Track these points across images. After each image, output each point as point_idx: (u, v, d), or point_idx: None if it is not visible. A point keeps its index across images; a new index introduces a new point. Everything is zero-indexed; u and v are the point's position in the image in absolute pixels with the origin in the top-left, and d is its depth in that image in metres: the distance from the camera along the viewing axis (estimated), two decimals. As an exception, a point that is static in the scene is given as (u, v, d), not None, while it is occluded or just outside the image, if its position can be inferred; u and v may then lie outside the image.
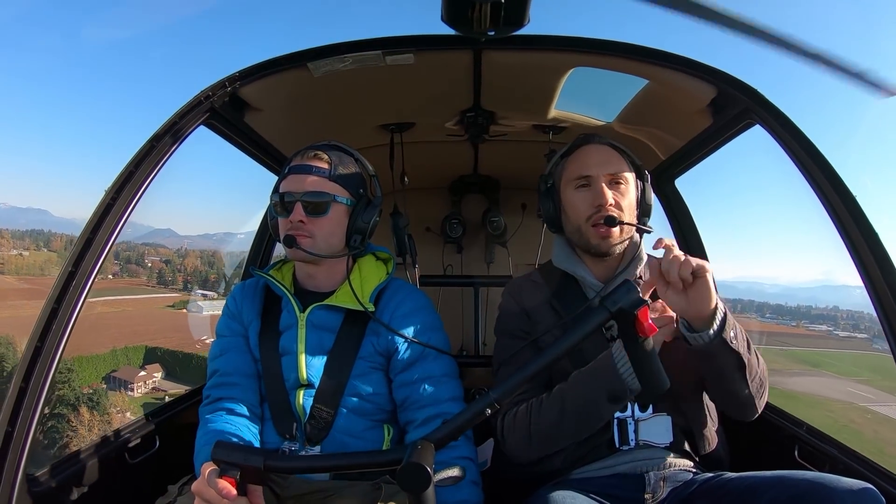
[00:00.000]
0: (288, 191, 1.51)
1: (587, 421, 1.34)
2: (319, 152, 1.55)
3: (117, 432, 1.70)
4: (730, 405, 1.39)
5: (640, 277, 1.52)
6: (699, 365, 1.37)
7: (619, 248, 1.48)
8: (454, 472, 1.43)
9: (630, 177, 1.49)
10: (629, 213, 1.47)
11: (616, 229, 1.43)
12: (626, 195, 1.47)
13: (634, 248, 1.52)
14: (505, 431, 1.46)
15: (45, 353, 1.36)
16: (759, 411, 1.37)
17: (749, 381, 1.28)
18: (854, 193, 1.36)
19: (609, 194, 1.43)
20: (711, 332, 1.20)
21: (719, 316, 1.20)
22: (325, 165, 1.53)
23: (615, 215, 1.42)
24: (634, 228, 1.49)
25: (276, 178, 2.43)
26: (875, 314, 1.30)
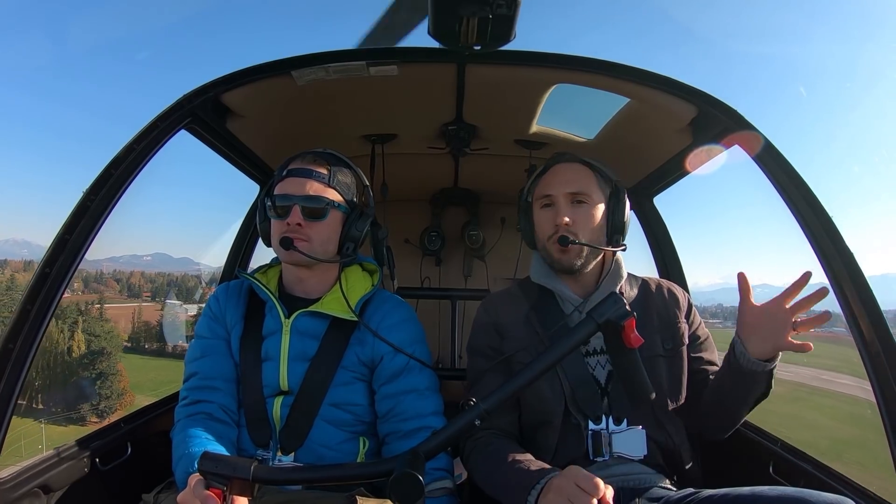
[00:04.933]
0: (286, 193, 1.49)
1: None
2: (319, 158, 1.54)
3: (86, 438, 1.65)
4: (721, 423, 1.46)
5: (622, 292, 1.53)
6: (680, 380, 1.46)
7: (580, 264, 1.47)
8: (446, 483, 1.42)
9: (597, 195, 1.49)
10: (590, 232, 1.46)
11: (574, 247, 1.44)
12: (588, 214, 1.47)
13: (612, 263, 1.54)
14: (465, 453, 1.47)
15: (15, 355, 1.33)
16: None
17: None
18: (830, 214, 1.41)
19: (565, 214, 1.44)
20: (773, 364, 1.31)
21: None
22: (325, 171, 1.52)
23: (567, 235, 1.43)
24: (610, 246, 1.49)
25: (254, 184, 2.42)
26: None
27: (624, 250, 1.53)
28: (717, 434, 1.48)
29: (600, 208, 1.49)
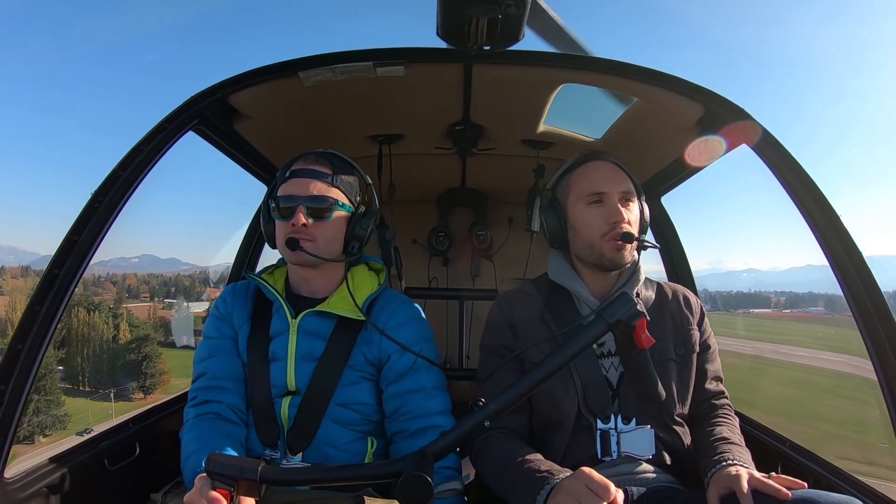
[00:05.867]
0: (290, 194, 1.49)
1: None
2: (322, 158, 1.54)
3: (95, 438, 1.67)
4: None
5: (638, 294, 1.53)
6: (688, 386, 1.48)
7: (628, 261, 1.49)
8: (455, 485, 1.42)
9: (634, 194, 1.51)
10: (636, 230, 1.48)
11: (629, 244, 1.45)
12: (633, 212, 1.49)
13: (633, 265, 1.53)
14: (474, 453, 1.47)
15: (25, 355, 1.34)
16: None
17: None
18: (839, 214, 1.41)
19: (623, 211, 1.45)
20: None
21: None
22: (328, 171, 1.52)
23: (632, 232, 1.44)
24: (634, 246, 1.50)
25: (261, 185, 2.43)
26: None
27: (656, 248, 1.56)
28: None
29: (638, 207, 1.51)
